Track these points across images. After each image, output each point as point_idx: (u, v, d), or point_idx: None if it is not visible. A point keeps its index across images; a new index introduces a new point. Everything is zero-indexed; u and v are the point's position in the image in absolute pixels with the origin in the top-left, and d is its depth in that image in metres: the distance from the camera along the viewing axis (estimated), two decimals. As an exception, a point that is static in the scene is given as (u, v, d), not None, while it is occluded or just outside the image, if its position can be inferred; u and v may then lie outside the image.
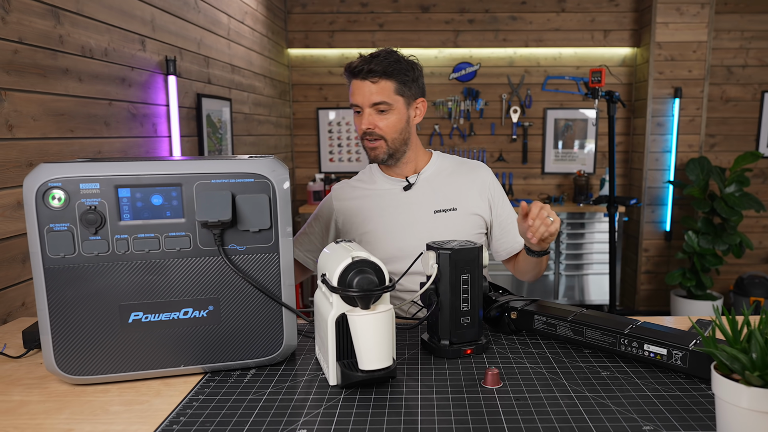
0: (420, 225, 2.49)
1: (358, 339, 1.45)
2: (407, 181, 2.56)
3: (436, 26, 7.14)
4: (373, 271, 1.49)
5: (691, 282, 6.47)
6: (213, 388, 1.53)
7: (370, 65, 2.37)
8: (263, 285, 1.61)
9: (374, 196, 2.58)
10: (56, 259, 1.48)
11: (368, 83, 2.39)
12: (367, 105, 2.40)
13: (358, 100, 2.41)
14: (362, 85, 2.40)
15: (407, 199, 2.54)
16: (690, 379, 1.56)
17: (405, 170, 2.58)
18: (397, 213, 2.52)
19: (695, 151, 6.80)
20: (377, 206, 2.55)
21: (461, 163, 2.65)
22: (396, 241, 2.47)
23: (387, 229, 2.50)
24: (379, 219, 2.52)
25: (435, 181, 2.57)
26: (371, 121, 2.42)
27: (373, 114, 2.42)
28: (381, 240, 2.50)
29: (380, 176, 2.62)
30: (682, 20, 6.60)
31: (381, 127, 2.43)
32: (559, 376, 1.58)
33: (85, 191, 1.48)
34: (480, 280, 1.76)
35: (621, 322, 1.70)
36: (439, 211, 2.49)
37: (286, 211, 1.61)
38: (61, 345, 1.51)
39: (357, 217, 2.56)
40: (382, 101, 2.40)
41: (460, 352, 1.73)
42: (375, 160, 2.51)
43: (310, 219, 2.69)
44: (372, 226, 2.52)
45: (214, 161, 1.57)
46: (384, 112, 2.42)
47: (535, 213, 2.08)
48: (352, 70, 2.41)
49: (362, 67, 2.38)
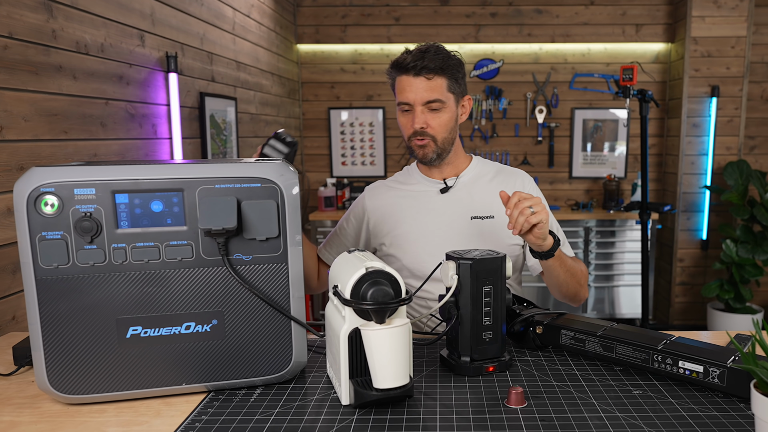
0: (455, 230, 2.48)
1: (372, 355, 1.45)
2: (445, 184, 2.56)
3: (456, 20, 7.13)
4: (389, 283, 1.48)
5: (729, 294, 6.42)
6: (217, 408, 1.53)
7: (423, 61, 2.36)
8: (271, 297, 1.61)
9: (409, 197, 2.58)
10: (49, 269, 1.48)
11: (422, 80, 2.38)
12: (419, 103, 2.39)
13: (410, 97, 2.39)
14: (415, 82, 2.38)
15: (443, 202, 2.54)
16: (728, 398, 1.55)
17: (445, 172, 2.58)
18: (432, 216, 2.52)
19: (734, 154, 6.77)
20: (411, 207, 2.55)
21: (501, 169, 2.64)
22: (429, 245, 2.47)
23: (420, 232, 2.50)
24: (413, 221, 2.52)
25: (474, 186, 2.56)
26: (423, 120, 2.41)
27: (426, 112, 2.41)
28: (413, 243, 2.50)
29: (418, 176, 2.63)
30: (719, 14, 6.57)
31: (433, 126, 2.42)
32: (588, 395, 1.58)
33: (80, 197, 1.48)
34: (503, 292, 1.75)
35: (654, 338, 1.69)
36: (475, 218, 2.49)
37: (295, 219, 1.61)
38: (54, 362, 1.51)
39: (390, 217, 2.56)
40: (436, 99, 2.39)
41: (481, 370, 1.72)
42: (423, 159, 2.49)
43: (342, 220, 2.70)
44: (405, 228, 2.52)
45: (218, 165, 1.57)
46: (436, 111, 2.41)
47: (512, 203, 2.02)
48: (402, 66, 2.40)
49: (416, 63, 2.37)
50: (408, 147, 2.51)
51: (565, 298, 2.46)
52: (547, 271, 2.32)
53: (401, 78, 2.41)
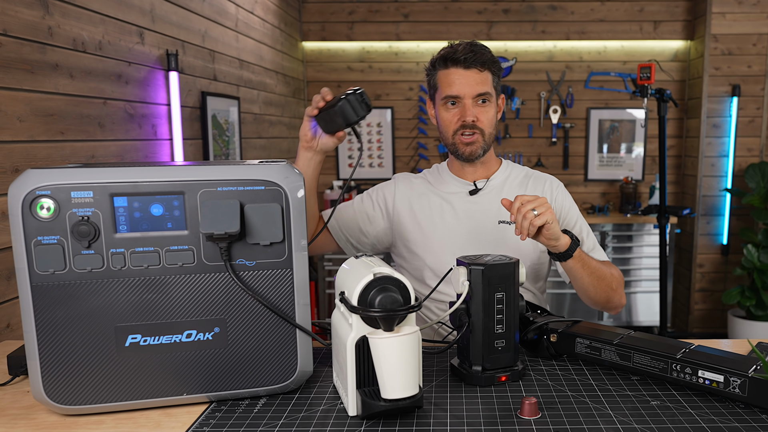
0: (481, 234, 2.49)
1: (380, 364, 1.45)
2: (474, 185, 2.56)
3: (467, 17, 7.14)
4: (398, 289, 1.48)
5: (750, 301, 6.39)
6: (219, 419, 1.53)
7: (474, 54, 2.40)
8: (275, 304, 1.61)
9: (438, 196, 2.58)
10: (45, 275, 1.48)
11: (473, 72, 2.41)
12: (470, 95, 2.41)
13: (462, 90, 2.41)
14: (466, 74, 2.41)
15: (472, 205, 2.54)
16: (749, 409, 1.54)
17: (478, 172, 2.59)
18: (459, 217, 2.52)
19: (755, 156, 6.76)
20: (439, 206, 2.55)
21: (530, 174, 2.65)
22: (454, 247, 2.46)
23: (446, 233, 2.51)
24: (440, 220, 2.53)
25: (502, 190, 2.57)
26: (474, 113, 2.43)
27: (475, 106, 2.44)
28: (438, 243, 2.50)
29: (448, 176, 2.63)
30: (740, 10, 6.57)
31: (482, 120, 2.44)
32: (604, 405, 1.57)
33: (77, 200, 1.48)
34: (516, 299, 1.75)
35: (673, 346, 1.69)
36: (503, 222, 2.49)
37: (300, 223, 1.60)
38: (50, 371, 1.51)
39: (417, 213, 2.56)
40: (486, 92, 2.43)
41: (494, 379, 1.72)
42: (470, 156, 2.48)
43: (359, 197, 2.68)
44: (431, 228, 2.53)
45: (221, 167, 1.57)
46: (485, 104, 2.44)
47: (515, 208, 2.05)
48: (452, 58, 2.42)
49: (467, 56, 2.40)
50: (451, 145, 2.51)
51: (596, 304, 2.45)
52: (569, 274, 2.33)
53: (449, 71, 2.43)
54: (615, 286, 2.40)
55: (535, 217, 2.01)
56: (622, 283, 2.45)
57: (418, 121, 7.31)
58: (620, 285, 2.43)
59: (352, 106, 2.11)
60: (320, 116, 2.19)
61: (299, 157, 2.32)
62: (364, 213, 2.62)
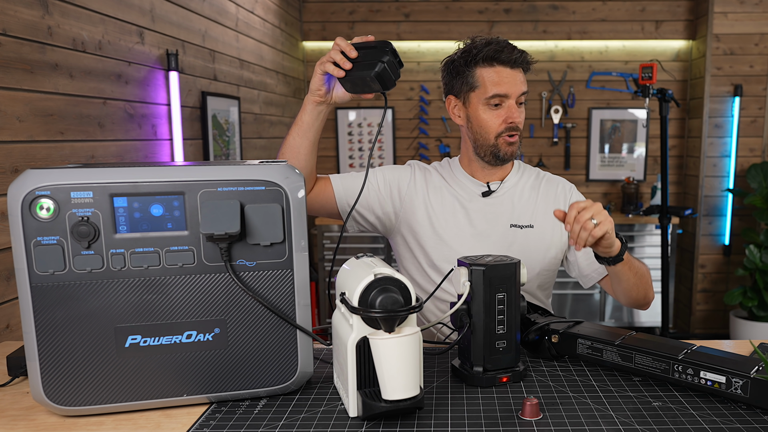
0: (493, 237, 2.47)
1: (381, 365, 1.45)
2: (488, 187, 2.52)
3: (468, 16, 7.14)
4: (398, 290, 1.48)
5: (752, 302, 6.40)
6: (219, 420, 1.53)
7: (522, 54, 2.41)
8: (275, 305, 1.61)
9: (450, 193, 2.54)
10: (44, 276, 1.48)
11: (519, 72, 2.42)
12: (517, 95, 2.40)
13: (511, 89, 2.38)
14: (514, 74, 2.39)
15: (484, 206, 2.51)
16: (751, 410, 1.55)
17: (493, 174, 2.54)
18: (471, 218, 2.49)
19: (757, 156, 6.76)
20: (450, 204, 2.52)
21: (542, 176, 2.62)
22: (463, 247, 2.45)
23: (456, 231, 2.48)
24: (451, 218, 2.50)
25: (515, 193, 2.54)
26: (519, 114, 2.41)
27: (515, 107, 2.41)
28: (447, 242, 2.48)
29: (461, 174, 2.58)
30: (742, 9, 6.57)
31: (521, 122, 2.44)
32: (606, 406, 1.57)
33: (77, 200, 1.48)
34: (517, 300, 1.75)
35: (674, 347, 1.69)
36: (514, 226, 2.47)
37: (300, 223, 1.61)
38: (50, 372, 1.51)
39: (429, 207, 2.52)
40: (527, 92, 2.45)
41: (495, 380, 1.72)
42: (511, 157, 2.46)
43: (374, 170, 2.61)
44: (441, 224, 2.49)
45: (221, 167, 1.57)
46: (521, 106, 2.44)
47: (571, 218, 1.95)
48: (499, 58, 2.38)
49: (518, 55, 2.39)
50: (492, 146, 2.43)
51: (634, 302, 2.40)
52: (615, 277, 2.27)
53: (496, 69, 2.39)
54: (650, 282, 2.38)
55: (594, 227, 1.92)
56: (650, 277, 2.39)
57: (419, 121, 7.30)
58: (651, 280, 2.39)
59: (390, 69, 2.01)
60: (347, 78, 2.08)
61: (306, 110, 2.29)
62: (375, 189, 2.55)
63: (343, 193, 2.51)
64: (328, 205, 2.53)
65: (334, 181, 2.53)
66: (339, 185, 2.52)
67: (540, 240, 2.47)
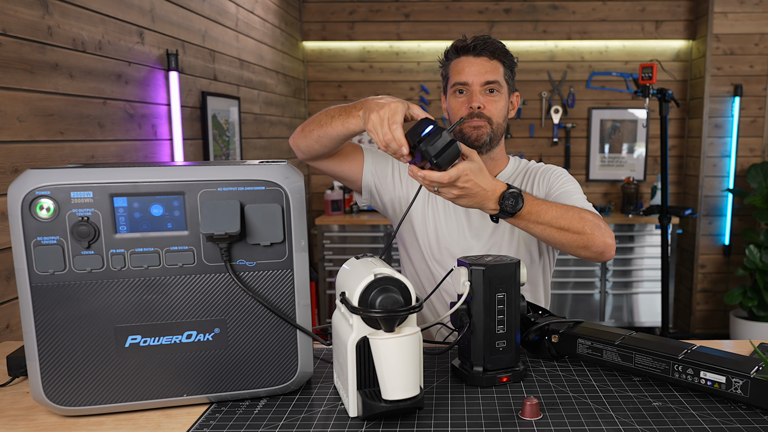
0: (486, 231, 2.50)
1: (381, 365, 1.45)
2: None
3: (468, 16, 7.14)
4: (398, 290, 1.48)
5: (752, 302, 6.40)
6: (219, 420, 1.53)
7: (485, 43, 2.42)
8: (275, 305, 1.61)
9: None
10: (44, 276, 1.48)
11: (483, 60, 2.43)
12: (478, 83, 2.41)
13: (469, 77, 2.42)
14: (475, 62, 2.43)
15: None
16: (751, 410, 1.54)
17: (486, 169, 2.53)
18: (465, 214, 2.52)
19: (757, 156, 6.76)
20: (443, 204, 2.54)
21: (532, 168, 2.63)
22: (459, 245, 2.48)
23: (450, 229, 2.51)
24: (443, 215, 2.53)
25: None
26: (481, 101, 2.42)
27: (483, 94, 2.43)
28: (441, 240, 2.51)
29: None
30: (742, 9, 6.56)
31: (489, 109, 2.43)
32: (606, 406, 1.57)
33: (77, 200, 1.48)
34: (517, 300, 1.75)
35: (674, 347, 1.69)
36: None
37: (300, 223, 1.61)
38: (50, 372, 1.51)
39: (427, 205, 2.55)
40: (495, 80, 2.43)
41: (495, 380, 1.72)
42: (476, 142, 2.44)
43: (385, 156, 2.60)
44: (433, 223, 2.53)
45: (221, 167, 1.57)
46: (493, 93, 2.44)
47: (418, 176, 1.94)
48: (462, 47, 2.45)
49: (476, 44, 2.42)
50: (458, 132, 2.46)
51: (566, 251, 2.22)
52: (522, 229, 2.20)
53: (459, 59, 2.45)
54: (581, 228, 2.14)
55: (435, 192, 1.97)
56: (594, 224, 2.16)
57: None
58: (592, 227, 2.15)
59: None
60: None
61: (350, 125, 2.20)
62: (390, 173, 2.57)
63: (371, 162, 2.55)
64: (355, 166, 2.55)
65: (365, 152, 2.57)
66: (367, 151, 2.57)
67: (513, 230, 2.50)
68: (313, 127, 2.29)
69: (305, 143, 2.34)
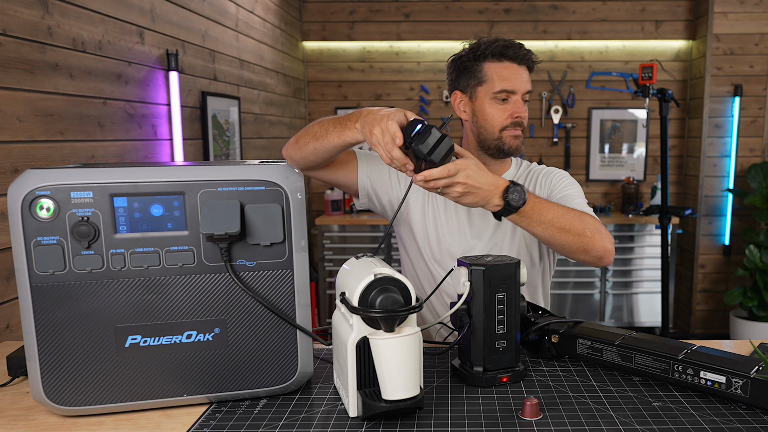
0: (487, 232, 2.49)
1: (381, 365, 1.45)
2: None
3: (468, 16, 7.14)
4: (398, 290, 1.48)
5: (752, 302, 6.40)
6: (219, 420, 1.53)
7: (528, 52, 2.45)
8: (275, 305, 1.61)
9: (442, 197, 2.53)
10: (44, 276, 1.48)
11: (525, 69, 2.46)
12: (523, 91, 2.44)
13: (517, 85, 2.42)
14: (521, 71, 2.44)
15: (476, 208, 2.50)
16: (752, 410, 1.54)
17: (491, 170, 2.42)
18: (467, 215, 2.51)
19: (757, 156, 6.76)
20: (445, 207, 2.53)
21: (534, 169, 2.63)
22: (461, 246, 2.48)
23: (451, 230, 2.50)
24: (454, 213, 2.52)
25: None
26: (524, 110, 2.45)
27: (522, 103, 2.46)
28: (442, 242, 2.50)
29: None
30: (742, 10, 6.56)
31: (525, 118, 2.47)
32: (606, 406, 1.57)
33: (77, 200, 1.48)
34: (517, 300, 1.75)
35: (674, 347, 1.69)
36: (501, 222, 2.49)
37: (300, 223, 1.61)
38: (50, 372, 1.51)
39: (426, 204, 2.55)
40: (531, 90, 2.48)
41: (495, 380, 1.72)
42: (516, 151, 2.48)
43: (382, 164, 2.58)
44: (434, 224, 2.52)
45: (221, 167, 1.57)
46: (525, 103, 2.47)
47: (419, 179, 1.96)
48: (507, 54, 2.42)
49: (525, 52, 2.44)
50: (496, 139, 2.45)
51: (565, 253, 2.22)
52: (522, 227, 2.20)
53: (504, 65, 2.43)
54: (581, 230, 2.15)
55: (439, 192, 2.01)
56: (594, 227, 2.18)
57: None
58: (593, 230, 2.17)
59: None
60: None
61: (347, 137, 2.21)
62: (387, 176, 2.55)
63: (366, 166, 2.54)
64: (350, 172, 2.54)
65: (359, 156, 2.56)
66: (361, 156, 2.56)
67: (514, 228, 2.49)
68: (308, 140, 2.29)
69: (300, 155, 2.34)
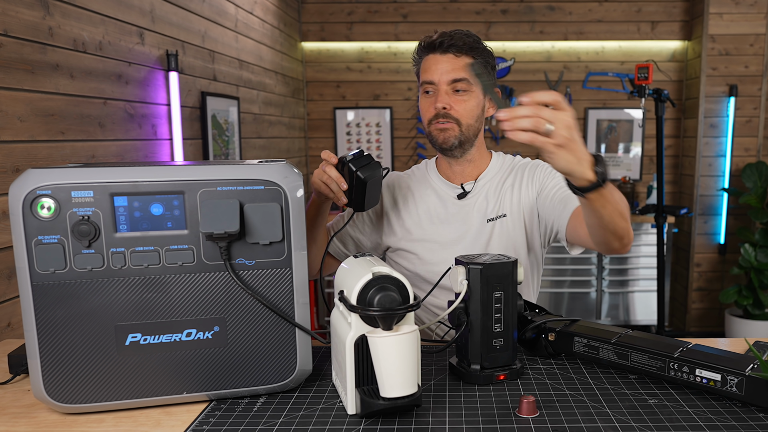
0: (470, 237, 2.43)
1: (379, 363, 1.45)
2: (462, 189, 2.47)
3: (466, 17, 7.14)
4: (396, 288, 1.48)
5: (747, 300, 6.41)
6: (219, 418, 1.53)
7: (452, 39, 2.31)
8: (274, 303, 1.61)
9: (424, 201, 2.51)
10: (45, 274, 1.48)
11: (449, 57, 2.32)
12: (444, 82, 2.32)
13: (434, 76, 2.32)
14: (441, 60, 2.32)
15: (460, 209, 2.47)
16: (747, 407, 1.54)
17: (465, 172, 2.49)
18: (449, 222, 2.47)
19: (752, 156, 6.76)
20: (426, 211, 2.49)
21: (517, 163, 2.54)
22: (444, 252, 2.44)
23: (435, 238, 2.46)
24: (429, 225, 2.48)
25: (490, 187, 2.47)
26: (446, 101, 2.31)
27: (450, 93, 2.32)
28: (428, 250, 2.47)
29: (436, 178, 2.53)
30: (737, 10, 6.57)
31: (457, 110, 2.33)
32: (602, 404, 1.57)
33: (78, 200, 1.48)
34: (514, 298, 1.75)
35: (670, 345, 1.69)
36: (491, 220, 2.42)
37: (299, 222, 1.60)
38: (50, 370, 1.51)
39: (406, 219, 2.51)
40: (463, 78, 2.30)
41: (492, 378, 1.72)
42: (444, 145, 2.37)
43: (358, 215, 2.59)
44: (419, 234, 2.48)
45: (220, 166, 1.57)
46: (461, 93, 2.33)
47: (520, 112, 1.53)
48: (428, 44, 2.35)
49: (443, 40, 2.31)
50: (428, 134, 2.41)
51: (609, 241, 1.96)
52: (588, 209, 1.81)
53: (427, 57, 2.36)
54: (627, 213, 1.91)
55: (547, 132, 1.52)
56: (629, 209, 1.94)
57: (417, 121, 7.29)
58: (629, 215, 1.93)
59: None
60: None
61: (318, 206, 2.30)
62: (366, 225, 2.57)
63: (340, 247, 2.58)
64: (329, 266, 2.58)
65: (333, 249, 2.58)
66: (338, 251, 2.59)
67: (515, 226, 2.43)
68: None
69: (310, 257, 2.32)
